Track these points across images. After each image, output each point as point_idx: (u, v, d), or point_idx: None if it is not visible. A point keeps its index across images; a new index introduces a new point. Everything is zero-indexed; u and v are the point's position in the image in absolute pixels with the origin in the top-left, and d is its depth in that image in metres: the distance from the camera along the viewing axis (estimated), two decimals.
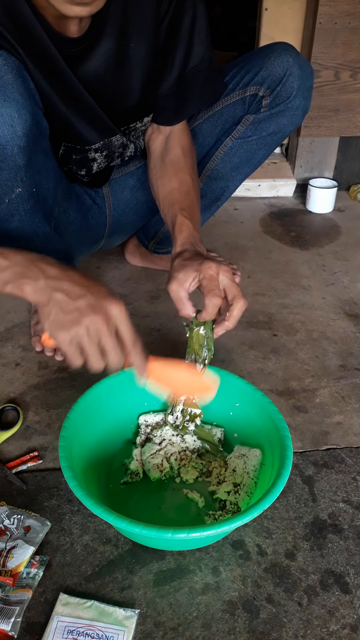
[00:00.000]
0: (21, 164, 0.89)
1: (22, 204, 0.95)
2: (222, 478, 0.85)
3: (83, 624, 0.69)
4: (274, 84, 1.08)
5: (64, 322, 0.69)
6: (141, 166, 1.22)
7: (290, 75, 1.07)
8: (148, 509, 0.83)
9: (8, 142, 0.85)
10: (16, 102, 0.83)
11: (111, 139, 1.05)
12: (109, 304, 0.70)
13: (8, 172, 0.89)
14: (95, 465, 0.84)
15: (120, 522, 0.67)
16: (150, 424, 0.93)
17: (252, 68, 1.09)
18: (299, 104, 1.11)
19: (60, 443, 0.77)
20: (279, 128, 1.15)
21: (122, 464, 0.89)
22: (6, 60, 0.83)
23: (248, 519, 0.68)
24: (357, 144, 1.89)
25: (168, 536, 0.66)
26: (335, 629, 0.71)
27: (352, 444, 0.97)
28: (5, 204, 0.93)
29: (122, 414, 0.93)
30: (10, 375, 1.10)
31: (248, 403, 0.88)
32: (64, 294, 0.70)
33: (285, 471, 0.73)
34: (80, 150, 1.04)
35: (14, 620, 0.68)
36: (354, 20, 1.64)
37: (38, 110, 0.92)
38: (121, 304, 0.71)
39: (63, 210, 1.13)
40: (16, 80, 0.84)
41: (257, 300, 1.34)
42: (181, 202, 0.98)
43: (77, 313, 0.69)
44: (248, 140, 1.16)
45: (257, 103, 1.12)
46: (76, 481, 0.72)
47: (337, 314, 1.31)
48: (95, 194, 1.22)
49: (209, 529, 0.67)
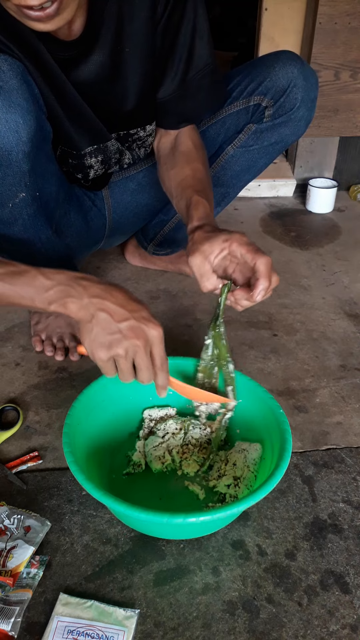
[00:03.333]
0: (25, 169, 0.89)
1: (26, 208, 0.95)
2: (222, 472, 0.86)
3: (83, 624, 0.69)
4: (277, 94, 1.08)
5: (106, 342, 0.72)
6: (142, 170, 1.22)
7: (294, 87, 1.06)
8: (149, 498, 0.83)
9: (13, 148, 0.85)
10: (21, 107, 0.83)
11: (106, 144, 1.05)
12: (149, 328, 0.73)
13: (12, 177, 0.89)
14: (99, 455, 0.85)
15: (118, 505, 0.68)
16: (155, 418, 0.94)
17: (256, 77, 1.08)
18: (302, 115, 1.10)
19: (64, 430, 0.78)
20: (281, 138, 1.14)
21: (125, 455, 0.90)
22: (11, 66, 0.83)
23: (244, 506, 0.69)
24: (357, 144, 1.89)
25: (164, 520, 0.67)
26: (335, 629, 0.71)
27: (352, 444, 0.97)
28: (8, 208, 0.93)
29: (127, 408, 0.94)
30: (10, 375, 1.10)
31: (250, 399, 0.89)
32: (108, 314, 0.72)
33: (284, 462, 0.74)
34: (76, 155, 1.04)
35: (14, 620, 0.68)
36: (354, 20, 1.64)
37: (42, 115, 0.92)
38: (160, 328, 0.74)
39: (64, 212, 1.13)
40: (21, 86, 0.84)
41: None
42: (195, 186, 0.95)
43: (119, 335, 0.72)
44: (250, 150, 1.16)
45: (260, 113, 1.11)
46: (77, 466, 0.73)
47: (337, 314, 1.31)
48: (94, 196, 1.22)
49: (205, 514, 0.67)
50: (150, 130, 1.09)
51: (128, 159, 1.12)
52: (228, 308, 0.85)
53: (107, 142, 1.05)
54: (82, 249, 1.27)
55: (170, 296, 1.36)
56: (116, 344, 0.72)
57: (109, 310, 0.72)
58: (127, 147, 1.10)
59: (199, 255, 0.79)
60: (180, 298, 1.35)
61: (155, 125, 1.08)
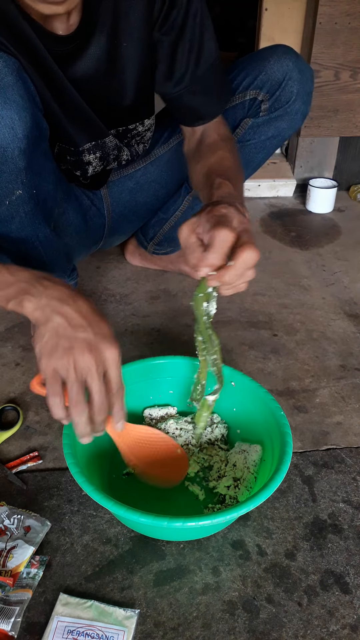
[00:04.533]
0: (22, 166, 0.89)
1: (23, 205, 0.95)
2: (222, 472, 0.86)
3: (83, 624, 0.69)
4: (273, 88, 1.07)
5: (56, 348, 0.66)
6: (139, 169, 1.22)
7: (289, 80, 1.06)
8: (149, 499, 0.83)
9: (9, 145, 0.85)
10: (17, 104, 0.83)
11: (104, 140, 1.05)
12: (106, 347, 0.67)
13: (9, 174, 0.89)
14: (99, 455, 0.85)
15: (117, 508, 0.68)
16: (155, 417, 0.94)
17: (251, 71, 1.08)
18: (299, 108, 1.10)
19: (64, 431, 0.78)
20: (278, 132, 1.14)
21: None
22: (6, 62, 0.83)
23: (244, 511, 0.69)
24: (357, 144, 1.89)
25: (164, 524, 0.67)
26: (335, 629, 0.71)
27: (352, 444, 0.97)
28: (5, 205, 0.93)
29: (127, 407, 0.93)
30: (10, 375, 1.10)
31: (251, 400, 0.89)
32: (65, 319, 0.67)
33: (284, 466, 0.74)
34: (74, 152, 1.04)
35: (14, 620, 0.68)
36: (354, 21, 1.64)
37: (38, 112, 0.92)
38: (117, 349, 0.68)
39: (62, 211, 1.13)
40: (17, 82, 0.83)
41: (257, 300, 1.34)
42: (218, 171, 0.88)
43: (70, 344, 0.66)
44: (247, 144, 1.16)
45: (257, 107, 1.11)
46: (77, 468, 0.72)
47: (337, 314, 1.31)
48: (93, 195, 1.22)
49: (205, 519, 0.67)
50: (149, 125, 1.09)
51: (126, 156, 1.12)
52: (228, 308, 0.84)
53: (105, 139, 1.05)
54: (81, 249, 1.27)
55: (170, 296, 1.36)
56: (66, 352, 0.65)
57: (67, 315, 0.67)
58: (126, 144, 1.10)
59: (185, 226, 0.71)
60: (180, 298, 1.35)
61: (154, 120, 1.08)
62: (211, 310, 0.76)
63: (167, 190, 1.26)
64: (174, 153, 1.21)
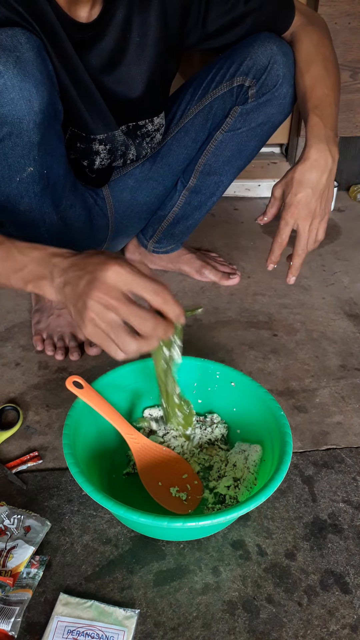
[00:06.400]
0: (35, 140, 0.90)
1: (33, 184, 0.95)
2: (222, 472, 0.86)
3: (83, 624, 0.69)
4: (259, 72, 1.07)
5: (79, 315, 0.65)
6: (138, 166, 1.22)
7: (275, 63, 1.05)
8: (149, 499, 0.83)
9: (25, 117, 0.86)
10: (35, 78, 0.85)
11: (114, 133, 1.06)
12: (104, 272, 0.63)
13: (22, 148, 0.89)
14: (99, 455, 0.85)
15: (117, 508, 0.68)
16: (155, 417, 0.94)
17: (237, 58, 1.08)
18: (286, 92, 1.09)
19: (64, 431, 0.78)
20: (268, 118, 1.13)
21: (125, 455, 0.90)
22: (28, 39, 0.85)
23: (244, 511, 0.69)
24: (357, 144, 1.89)
25: (164, 525, 0.67)
26: (335, 629, 0.71)
27: (352, 444, 0.97)
28: (16, 182, 0.94)
29: (127, 407, 0.94)
30: (10, 375, 1.10)
31: (251, 400, 0.89)
32: (70, 285, 0.67)
33: (284, 466, 0.74)
34: (86, 139, 1.05)
35: (14, 620, 0.68)
36: (353, 20, 1.64)
37: (55, 92, 0.92)
38: (117, 264, 0.64)
39: (70, 204, 1.13)
40: (37, 59, 0.85)
41: (257, 300, 1.34)
42: (312, 100, 0.99)
43: (82, 300, 0.64)
44: (238, 133, 1.16)
45: (244, 94, 1.10)
46: (78, 468, 0.72)
47: (337, 314, 1.31)
48: (96, 195, 1.22)
49: (205, 519, 0.67)
50: (159, 124, 1.09)
51: (132, 155, 1.13)
52: (228, 308, 0.84)
53: (114, 132, 1.06)
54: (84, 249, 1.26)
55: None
56: (85, 311, 0.64)
57: (70, 280, 0.66)
58: (138, 144, 1.11)
59: (279, 185, 1.00)
60: (180, 298, 1.35)
61: (163, 120, 1.09)
62: (175, 358, 0.77)
63: (164, 187, 1.27)
64: (168, 150, 1.21)
